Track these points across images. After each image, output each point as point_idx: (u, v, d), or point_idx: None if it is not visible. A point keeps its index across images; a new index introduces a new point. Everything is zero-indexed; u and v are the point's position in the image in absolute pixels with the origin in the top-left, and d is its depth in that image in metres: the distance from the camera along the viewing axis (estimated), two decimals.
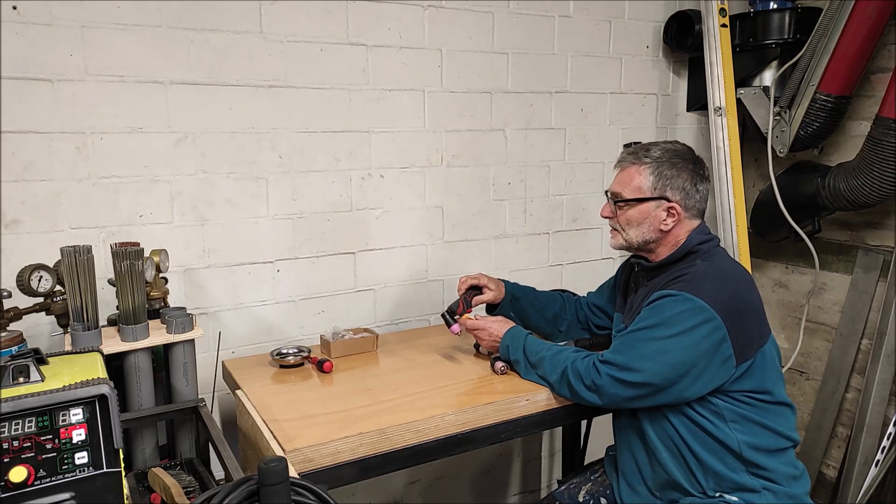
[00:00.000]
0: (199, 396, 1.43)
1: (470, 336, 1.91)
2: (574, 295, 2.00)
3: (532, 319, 1.87)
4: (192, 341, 1.42)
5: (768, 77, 2.45)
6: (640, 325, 1.45)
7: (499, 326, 1.69)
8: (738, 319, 1.41)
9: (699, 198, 1.54)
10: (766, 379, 1.47)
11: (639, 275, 1.64)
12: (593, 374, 1.45)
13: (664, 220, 1.52)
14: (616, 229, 1.60)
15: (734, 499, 1.45)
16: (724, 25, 2.33)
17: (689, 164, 1.53)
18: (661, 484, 1.53)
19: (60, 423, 0.89)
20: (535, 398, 1.55)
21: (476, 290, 1.85)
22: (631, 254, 1.68)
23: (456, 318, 1.75)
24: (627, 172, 1.56)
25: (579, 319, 1.89)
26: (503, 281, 1.88)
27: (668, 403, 1.45)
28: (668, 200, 1.52)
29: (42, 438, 0.88)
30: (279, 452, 1.26)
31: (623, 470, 1.63)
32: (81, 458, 0.90)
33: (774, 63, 2.44)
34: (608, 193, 1.61)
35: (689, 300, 1.40)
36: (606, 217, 1.61)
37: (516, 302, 1.87)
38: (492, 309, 1.89)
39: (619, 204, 1.57)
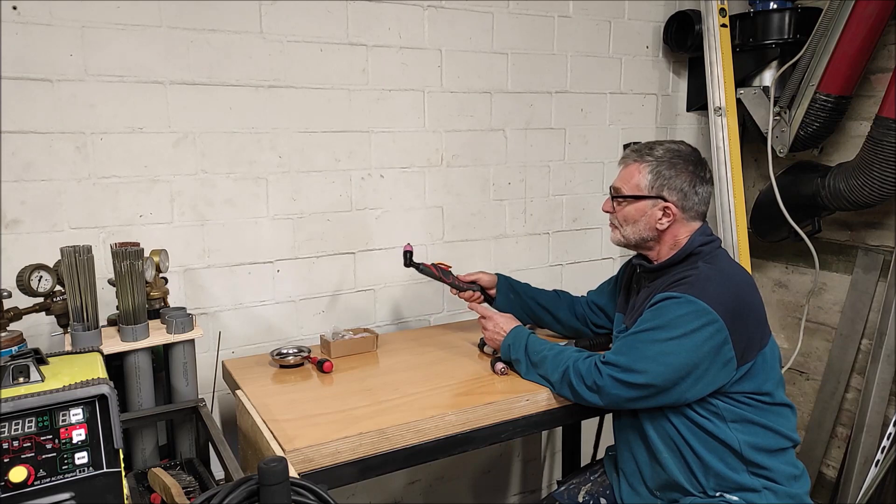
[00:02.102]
0: (199, 396, 1.43)
1: (471, 335, 1.92)
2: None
3: (529, 306, 1.88)
4: (192, 341, 1.42)
5: (768, 77, 2.45)
6: (643, 327, 1.45)
7: (505, 321, 1.71)
8: (740, 322, 1.41)
9: (698, 200, 1.54)
10: (766, 380, 1.47)
11: (640, 276, 1.64)
12: (595, 374, 1.46)
13: (659, 219, 1.53)
14: (615, 225, 1.61)
15: (735, 498, 1.45)
16: (724, 25, 2.33)
17: (689, 165, 1.53)
18: (661, 484, 1.53)
19: (60, 423, 0.89)
20: (535, 398, 1.55)
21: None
22: (633, 254, 1.68)
23: (423, 266, 1.80)
24: (629, 169, 1.57)
25: (576, 315, 1.89)
26: (497, 274, 1.91)
27: (669, 404, 1.45)
28: (665, 200, 1.52)
29: (42, 438, 0.88)
30: (279, 452, 1.26)
31: (623, 470, 1.63)
32: (81, 458, 0.89)
33: (774, 63, 2.44)
34: (611, 189, 1.61)
35: (691, 302, 1.40)
36: (607, 212, 1.63)
37: (511, 289, 1.89)
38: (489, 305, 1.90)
39: (618, 200, 1.58)
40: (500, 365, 1.66)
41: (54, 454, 0.88)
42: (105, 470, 0.90)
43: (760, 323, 1.49)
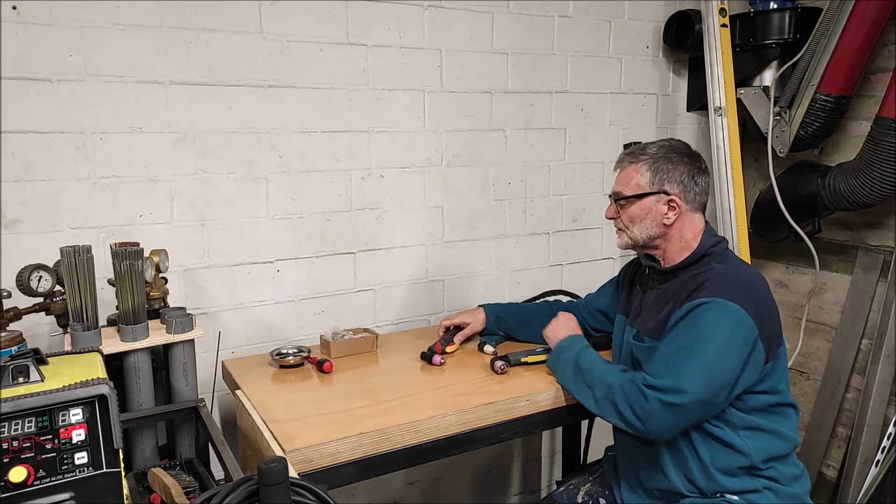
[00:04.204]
0: (199, 396, 1.43)
1: (469, 340, 1.91)
2: (567, 297, 1.99)
3: (521, 335, 1.88)
4: (191, 341, 1.42)
5: (768, 77, 2.45)
6: (680, 343, 1.40)
7: (572, 326, 1.71)
8: (763, 320, 1.41)
9: (698, 190, 1.54)
10: (780, 379, 1.47)
11: (648, 277, 1.63)
12: (640, 400, 1.38)
13: (665, 213, 1.52)
14: (621, 229, 1.60)
15: (735, 498, 1.45)
16: (724, 25, 2.33)
17: (684, 157, 1.54)
18: (660, 485, 1.53)
19: (60, 423, 0.89)
20: (535, 398, 1.55)
21: (456, 328, 1.87)
22: (635, 254, 1.68)
23: (436, 351, 1.77)
24: (626, 172, 1.57)
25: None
26: (482, 306, 1.89)
27: (710, 415, 1.42)
28: (668, 194, 1.52)
29: (42, 438, 0.88)
30: (279, 452, 1.26)
31: (623, 470, 1.62)
32: (81, 458, 0.90)
33: (774, 63, 2.44)
34: (611, 195, 1.61)
35: (721, 305, 1.38)
36: (611, 218, 1.61)
37: (501, 321, 1.87)
38: (480, 335, 1.90)
39: (621, 202, 1.57)
40: (499, 363, 1.66)
41: (54, 454, 0.88)
42: (105, 470, 0.90)
43: (776, 321, 1.48)
